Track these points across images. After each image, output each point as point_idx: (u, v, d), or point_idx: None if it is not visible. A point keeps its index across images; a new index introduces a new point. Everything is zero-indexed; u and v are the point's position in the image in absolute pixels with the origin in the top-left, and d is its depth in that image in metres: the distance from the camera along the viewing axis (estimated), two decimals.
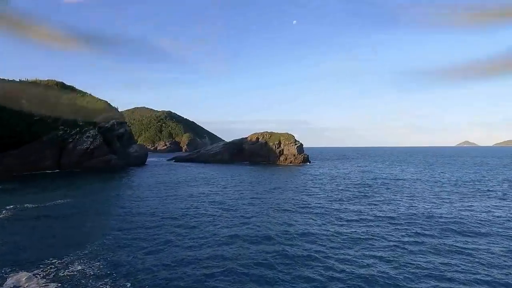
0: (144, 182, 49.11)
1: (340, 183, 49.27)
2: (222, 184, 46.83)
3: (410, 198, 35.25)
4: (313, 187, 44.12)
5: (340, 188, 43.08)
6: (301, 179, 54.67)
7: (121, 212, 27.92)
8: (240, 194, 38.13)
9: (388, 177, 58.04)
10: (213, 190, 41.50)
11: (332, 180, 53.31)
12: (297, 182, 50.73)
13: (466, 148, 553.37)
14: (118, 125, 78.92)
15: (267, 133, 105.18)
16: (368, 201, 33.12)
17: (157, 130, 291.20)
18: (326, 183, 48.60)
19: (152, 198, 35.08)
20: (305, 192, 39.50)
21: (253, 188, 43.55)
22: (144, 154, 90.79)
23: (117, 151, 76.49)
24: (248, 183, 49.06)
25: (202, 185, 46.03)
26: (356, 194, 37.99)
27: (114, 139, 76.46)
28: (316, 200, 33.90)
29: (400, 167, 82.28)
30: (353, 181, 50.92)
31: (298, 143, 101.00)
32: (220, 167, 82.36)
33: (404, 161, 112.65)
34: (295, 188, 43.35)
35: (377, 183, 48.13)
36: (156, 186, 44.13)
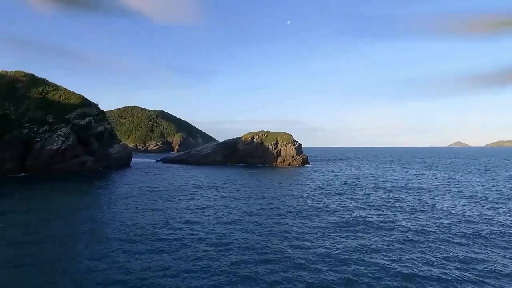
0: (118, 190, 40.70)
1: (356, 191, 41.56)
2: (212, 195, 38.67)
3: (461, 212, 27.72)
4: (331, 203, 36.31)
5: (361, 200, 35.35)
6: (307, 185, 46.87)
7: (79, 231, 19.70)
8: (230, 212, 30.07)
9: (407, 185, 50.60)
10: (198, 202, 33.37)
11: (344, 186, 45.61)
12: (304, 190, 42.85)
13: (459, 148, 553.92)
14: (96, 123, 70.11)
15: (263, 133, 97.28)
16: (399, 215, 25.50)
17: (148, 129, 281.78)
18: (339, 192, 40.84)
19: (122, 213, 26.85)
20: (325, 211, 31.64)
21: (248, 200, 35.55)
22: (127, 155, 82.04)
23: (94, 152, 67.72)
24: (243, 191, 41.03)
25: (186, 195, 37.84)
26: (382, 203, 30.38)
27: (91, 139, 67.67)
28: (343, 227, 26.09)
29: (414, 171, 75.13)
30: (370, 188, 43.31)
31: (296, 143, 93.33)
32: (212, 170, 74.15)
33: (412, 163, 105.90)
34: (305, 206, 35.43)
35: (398, 190, 40.61)
36: (131, 197, 35.79)
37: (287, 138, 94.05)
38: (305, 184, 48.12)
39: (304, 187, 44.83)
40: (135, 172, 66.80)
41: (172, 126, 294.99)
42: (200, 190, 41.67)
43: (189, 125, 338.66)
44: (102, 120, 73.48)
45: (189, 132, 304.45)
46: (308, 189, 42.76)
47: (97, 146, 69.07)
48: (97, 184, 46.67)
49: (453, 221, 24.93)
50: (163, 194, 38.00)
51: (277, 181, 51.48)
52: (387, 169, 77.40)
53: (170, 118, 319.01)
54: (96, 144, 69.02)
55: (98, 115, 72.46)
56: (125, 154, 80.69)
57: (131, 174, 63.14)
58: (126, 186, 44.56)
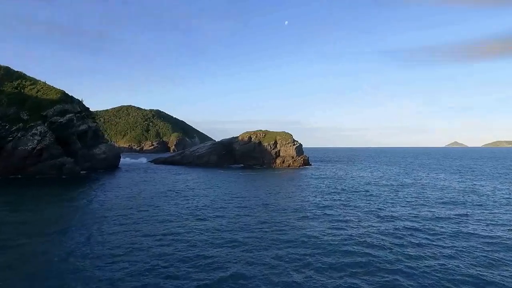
0: (97, 199, 34.73)
1: (371, 199, 35.83)
2: (200, 204, 32.79)
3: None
4: (347, 215, 30.57)
5: (383, 212, 29.61)
6: (311, 191, 41.05)
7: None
8: (222, 227, 24.25)
9: (425, 189, 44.92)
10: (183, 213, 27.49)
11: (355, 193, 39.83)
12: (311, 200, 37.09)
13: (456, 149, 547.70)
14: (79, 121, 63.98)
15: (261, 132, 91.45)
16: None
17: (144, 129, 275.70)
18: (351, 200, 35.09)
19: (91, 230, 20.96)
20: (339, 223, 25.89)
21: (243, 211, 29.74)
22: (115, 155, 75.91)
23: (76, 153, 61.61)
24: (237, 201, 35.20)
25: (170, 204, 31.92)
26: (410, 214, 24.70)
27: (72, 138, 61.55)
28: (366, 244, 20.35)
29: (427, 173, 69.56)
30: (387, 194, 37.58)
31: (297, 143, 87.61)
32: (205, 172, 68.24)
33: (424, 166, 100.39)
34: (314, 216, 29.69)
35: (417, 197, 34.95)
36: (109, 209, 29.87)
37: (286, 137, 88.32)
38: (309, 189, 42.33)
39: (309, 193, 39.04)
40: (121, 175, 60.76)
41: (168, 126, 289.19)
42: (188, 197, 35.78)
43: (186, 125, 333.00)
44: (85, 117, 67.34)
45: (185, 132, 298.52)
46: (314, 195, 37.00)
47: (80, 146, 62.95)
48: (69, 192, 40.63)
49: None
50: (144, 202, 32.09)
51: (276, 186, 45.67)
52: (398, 172, 71.79)
53: (167, 117, 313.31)
54: (79, 144, 62.90)
55: (81, 112, 66.33)
56: (112, 154, 74.55)
57: (116, 177, 57.10)
58: (104, 193, 38.52)
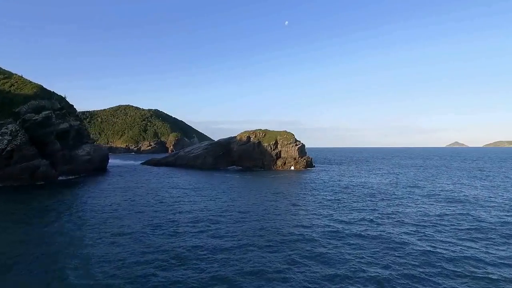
0: (64, 213, 28.58)
1: (391, 211, 29.49)
2: (188, 219, 26.51)
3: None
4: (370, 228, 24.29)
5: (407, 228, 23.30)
6: (318, 197, 34.73)
7: None
8: (215, 247, 18.01)
9: (451, 195, 38.59)
10: (168, 227, 21.23)
11: (371, 199, 33.49)
12: (318, 211, 30.81)
13: (458, 149, 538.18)
14: (58, 118, 57.81)
15: (260, 131, 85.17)
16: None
17: (142, 129, 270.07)
18: (368, 209, 28.78)
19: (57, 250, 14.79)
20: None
21: (241, 226, 23.47)
22: (101, 157, 69.72)
23: (55, 155, 55.44)
24: (230, 214, 28.92)
25: (152, 217, 25.68)
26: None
27: (49, 138, 55.35)
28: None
29: (445, 176, 63.16)
30: (404, 204, 31.25)
31: (299, 143, 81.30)
32: (200, 175, 62.02)
33: (437, 167, 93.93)
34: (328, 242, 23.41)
35: (443, 206, 28.67)
36: (75, 229, 23.68)
37: (288, 137, 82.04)
38: (315, 195, 36.02)
39: (315, 202, 32.74)
40: (106, 180, 54.61)
41: (166, 125, 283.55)
42: (176, 205, 29.59)
43: (185, 125, 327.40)
44: (67, 115, 61.15)
45: (184, 132, 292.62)
46: (322, 205, 30.70)
47: (59, 147, 56.75)
48: (31, 202, 34.41)
49: None
50: (121, 215, 25.88)
51: (278, 191, 39.36)
52: (415, 176, 65.41)
53: (165, 117, 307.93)
54: (58, 145, 56.70)
55: (62, 109, 60.14)
56: (98, 156, 68.36)
57: (99, 182, 50.93)
58: (75, 205, 32.33)
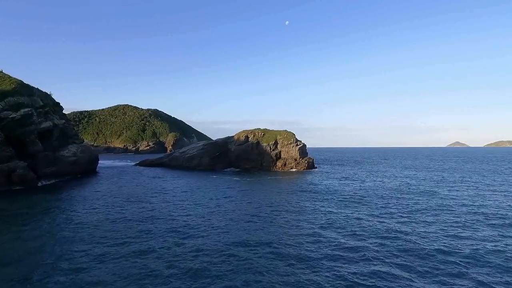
0: (34, 225, 24.32)
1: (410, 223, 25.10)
2: (171, 225, 22.21)
3: None
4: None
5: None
6: (323, 204, 30.35)
7: None
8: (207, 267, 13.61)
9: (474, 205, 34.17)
10: (150, 242, 16.88)
11: (388, 217, 29.08)
12: (325, 222, 26.46)
13: (459, 149, 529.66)
14: (40, 117, 53.61)
15: (259, 131, 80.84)
16: None
17: (140, 129, 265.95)
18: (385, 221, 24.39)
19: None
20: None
21: (236, 242, 19.16)
22: (89, 158, 65.49)
23: (36, 156, 51.26)
24: (223, 225, 24.60)
25: (133, 231, 21.37)
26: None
27: (30, 138, 51.13)
28: None
29: (473, 181, 58.67)
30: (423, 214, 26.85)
31: (300, 143, 76.94)
32: (194, 177, 57.74)
33: (452, 170, 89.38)
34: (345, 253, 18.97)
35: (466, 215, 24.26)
36: (48, 246, 19.44)
37: (288, 137, 77.71)
38: (319, 202, 31.66)
39: (319, 212, 28.35)
40: (91, 183, 50.44)
41: (165, 125, 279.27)
42: (163, 216, 25.30)
43: (184, 125, 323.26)
44: (50, 113, 56.96)
45: (183, 132, 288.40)
46: (328, 217, 26.33)
47: (41, 147, 52.54)
48: (28, 209, 30.17)
49: None
50: (102, 227, 21.64)
51: (278, 197, 35.02)
52: (410, 173, 60.93)
53: (165, 117, 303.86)
54: (40, 145, 52.50)
55: (44, 106, 55.92)
56: (86, 157, 64.12)
57: (84, 186, 46.75)
58: (51, 214, 28.09)
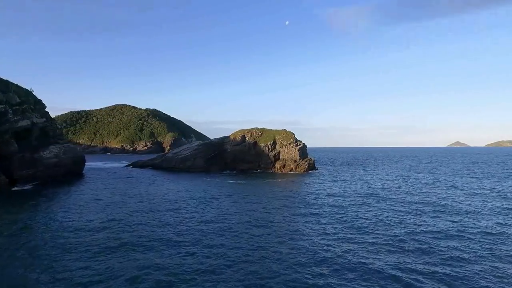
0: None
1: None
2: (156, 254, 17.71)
3: None
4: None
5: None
6: (329, 219, 25.78)
7: None
8: None
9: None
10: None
11: (391, 212, 24.50)
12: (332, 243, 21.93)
13: (461, 149, 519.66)
14: (16, 115, 49.23)
15: (256, 130, 76.36)
16: None
17: (138, 129, 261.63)
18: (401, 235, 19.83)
19: None
20: None
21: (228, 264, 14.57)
22: (74, 159, 60.99)
23: (11, 158, 46.85)
24: (212, 241, 20.10)
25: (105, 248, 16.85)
26: None
27: (5, 138, 46.72)
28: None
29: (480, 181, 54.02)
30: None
31: (300, 143, 72.43)
32: (186, 180, 53.24)
33: (465, 172, 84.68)
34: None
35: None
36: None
37: (287, 137, 73.22)
38: (322, 209, 27.12)
39: (324, 224, 23.81)
40: (73, 188, 45.95)
41: (164, 125, 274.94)
42: (147, 227, 20.81)
43: (183, 124, 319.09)
44: (28, 111, 52.52)
45: (182, 132, 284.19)
46: (333, 227, 21.80)
47: (16, 148, 48.11)
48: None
49: None
50: (71, 239, 17.17)
51: (276, 203, 30.50)
52: (418, 175, 56.35)
53: (163, 117, 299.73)
54: (15, 146, 48.09)
55: (22, 103, 51.54)
56: (70, 158, 59.66)
57: (62, 192, 42.23)
58: (17, 228, 23.60)
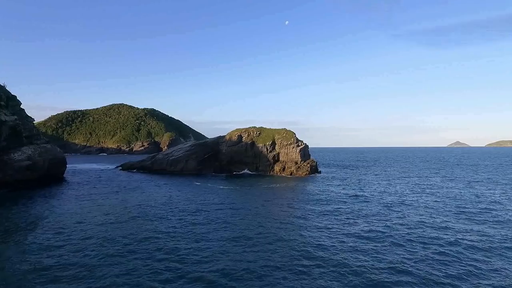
0: None
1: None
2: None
3: None
4: None
5: None
6: (336, 238, 19.79)
7: None
8: None
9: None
10: None
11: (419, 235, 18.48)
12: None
13: (462, 149, 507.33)
14: None
15: (254, 129, 70.35)
16: None
17: (135, 129, 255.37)
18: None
19: None
20: None
21: None
22: (51, 162, 55.04)
23: None
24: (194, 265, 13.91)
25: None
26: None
27: None
28: None
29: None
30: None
31: (301, 143, 66.37)
32: (175, 185, 47.23)
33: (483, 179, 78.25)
34: None
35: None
36: None
37: (287, 136, 67.18)
38: (328, 223, 21.16)
39: (332, 247, 17.84)
40: (42, 197, 40.01)
41: (161, 125, 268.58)
42: (116, 246, 14.92)
43: (182, 124, 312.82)
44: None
45: (180, 132, 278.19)
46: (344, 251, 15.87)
47: None
48: None
49: None
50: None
51: (274, 215, 24.55)
52: (436, 180, 50.22)
53: (161, 117, 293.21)
54: None
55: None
56: (47, 160, 53.75)
57: (26, 203, 36.31)
58: None
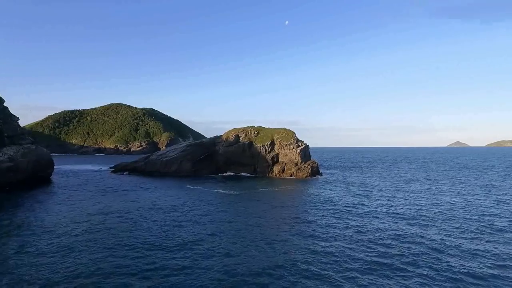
0: None
1: None
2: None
3: None
4: None
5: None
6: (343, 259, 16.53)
7: None
8: None
9: None
10: None
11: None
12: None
13: (462, 149, 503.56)
14: None
15: (252, 129, 67.02)
16: None
17: (132, 129, 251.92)
18: None
19: None
20: None
21: None
22: (36, 163, 51.75)
23: None
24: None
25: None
26: None
27: None
28: None
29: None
30: None
31: (302, 144, 63.03)
32: (164, 190, 43.89)
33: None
34: None
35: None
36: None
37: (287, 136, 63.85)
38: (335, 233, 17.88)
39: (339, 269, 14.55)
40: (29, 198, 36.69)
41: (160, 125, 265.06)
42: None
43: (181, 124, 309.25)
44: None
45: (179, 132, 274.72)
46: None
47: None
48: None
49: None
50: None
51: (272, 224, 21.28)
52: (451, 185, 46.88)
53: (160, 116, 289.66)
54: None
55: None
56: (31, 162, 50.46)
57: (10, 206, 33.00)
58: None
